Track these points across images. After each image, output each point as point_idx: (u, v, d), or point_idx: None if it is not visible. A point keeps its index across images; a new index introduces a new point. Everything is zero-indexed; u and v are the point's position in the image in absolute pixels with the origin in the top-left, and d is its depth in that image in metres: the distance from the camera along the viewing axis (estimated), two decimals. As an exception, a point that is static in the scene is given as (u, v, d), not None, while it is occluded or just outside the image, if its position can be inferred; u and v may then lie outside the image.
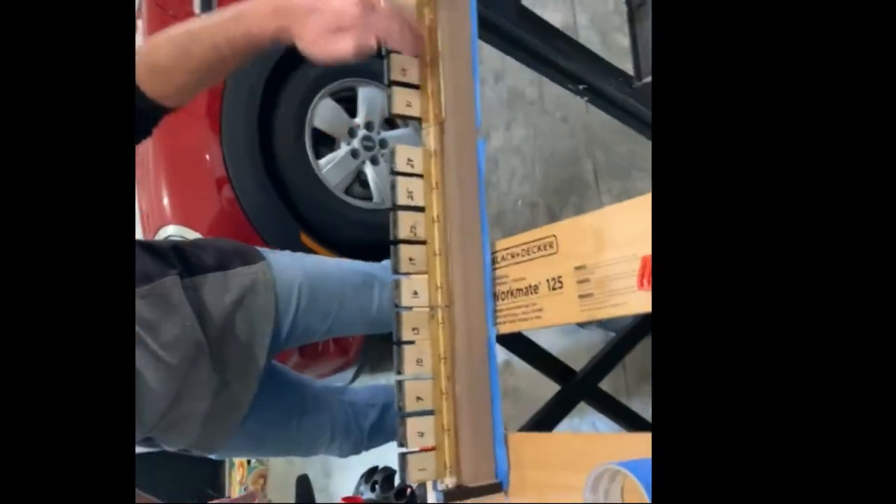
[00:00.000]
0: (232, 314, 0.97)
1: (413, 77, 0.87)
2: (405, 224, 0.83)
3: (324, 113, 2.02)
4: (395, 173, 0.84)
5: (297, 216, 1.94)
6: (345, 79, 2.07)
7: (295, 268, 1.08)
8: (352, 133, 2.07)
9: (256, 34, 0.76)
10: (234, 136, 1.89)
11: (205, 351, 0.93)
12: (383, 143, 2.10)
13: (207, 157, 1.88)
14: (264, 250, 1.08)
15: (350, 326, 1.20)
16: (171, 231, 1.83)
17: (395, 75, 0.86)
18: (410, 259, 0.82)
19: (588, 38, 1.72)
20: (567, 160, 1.76)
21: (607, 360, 1.04)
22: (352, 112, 2.10)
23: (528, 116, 1.90)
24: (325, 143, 2.06)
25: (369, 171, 2.08)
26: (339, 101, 2.09)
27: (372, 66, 2.16)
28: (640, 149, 1.55)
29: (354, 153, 2.06)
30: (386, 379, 2.15)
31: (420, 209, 0.84)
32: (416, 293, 0.81)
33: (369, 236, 2.06)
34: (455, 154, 0.84)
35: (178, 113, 1.91)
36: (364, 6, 0.73)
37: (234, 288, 0.97)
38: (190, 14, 1.88)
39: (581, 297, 0.71)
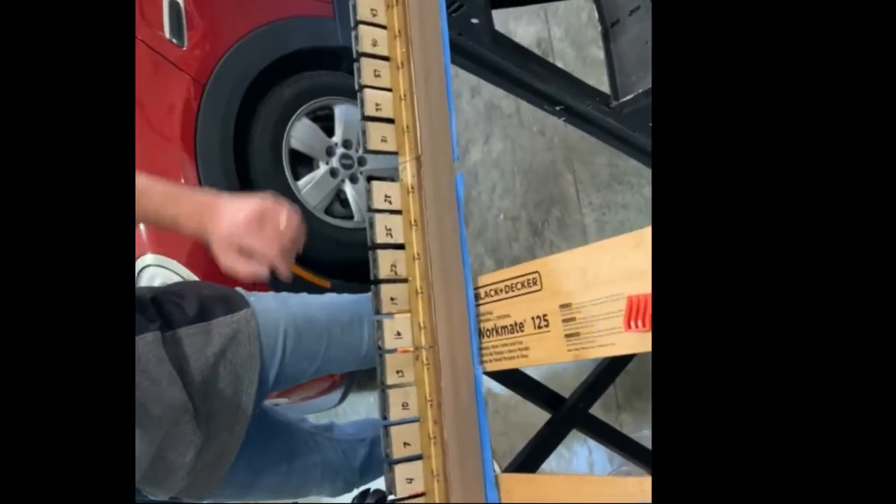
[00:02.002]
0: (215, 366, 0.94)
1: (387, 111, 0.86)
2: (385, 263, 0.81)
3: (301, 133, 1.99)
4: (372, 211, 0.82)
5: (277, 239, 1.91)
6: (320, 98, 2.05)
7: (280, 311, 1.05)
8: (329, 152, 2.05)
9: (181, 224, 0.89)
10: (210, 160, 1.86)
11: (188, 408, 0.91)
12: (362, 161, 2.08)
13: (182, 180, 1.85)
14: (249, 294, 1.06)
15: (339, 364, 1.16)
16: (150, 260, 1.79)
17: (370, 111, 0.85)
18: (392, 299, 0.80)
19: (563, 51, 1.71)
20: (546, 173, 1.75)
21: (597, 383, 1.02)
22: (329, 131, 2.08)
23: (506, 130, 1.89)
24: (302, 163, 2.04)
25: (349, 189, 2.06)
26: (315, 119, 2.07)
27: (348, 83, 2.15)
28: (620, 161, 1.55)
29: (333, 172, 2.03)
30: (374, 397, 2.13)
31: (400, 246, 0.82)
32: (399, 334, 0.79)
33: (352, 255, 2.04)
34: (433, 189, 0.82)
35: (152, 136, 1.88)
36: (261, 240, 0.88)
37: (217, 339, 0.95)
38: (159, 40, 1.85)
39: (567, 336, 0.70)
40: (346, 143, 2.07)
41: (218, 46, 1.91)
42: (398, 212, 0.83)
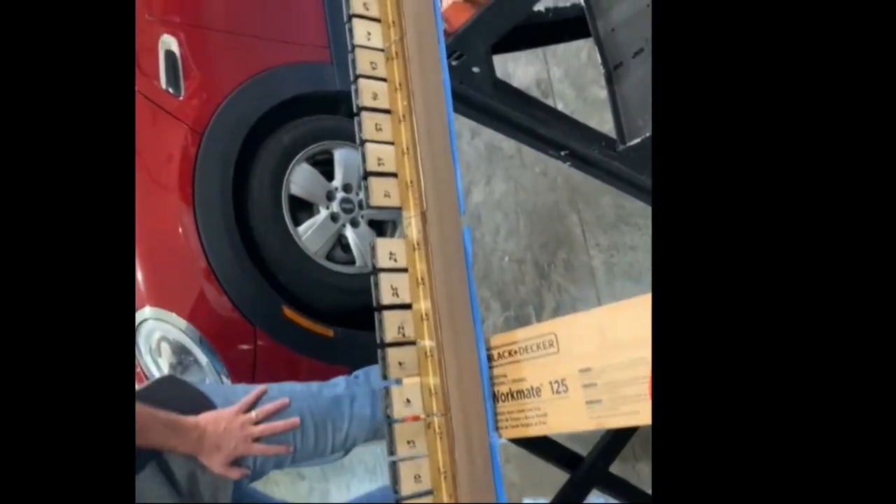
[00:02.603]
0: (193, 473, 1.02)
1: (390, 166, 0.83)
2: (391, 324, 0.78)
3: (300, 179, 1.97)
4: (377, 270, 0.79)
5: (278, 288, 1.87)
6: (320, 142, 2.03)
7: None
8: (330, 196, 2.02)
9: (180, 450, 1.01)
10: (208, 209, 1.83)
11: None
12: (362, 205, 2.05)
13: (180, 230, 1.82)
14: (216, 391, 1.12)
15: (322, 453, 1.18)
16: (149, 314, 1.75)
17: (372, 165, 0.82)
18: (400, 363, 0.76)
19: (563, 91, 1.70)
20: (551, 214, 1.72)
21: (615, 441, 0.98)
22: (329, 175, 2.05)
23: (508, 171, 1.86)
24: (302, 208, 2.01)
25: (350, 233, 2.03)
26: (314, 164, 2.05)
27: (347, 126, 2.13)
28: (626, 202, 1.52)
29: (334, 217, 2.01)
30: (381, 448, 2.07)
31: (406, 306, 0.79)
32: (408, 401, 0.75)
33: (355, 301, 2.00)
34: (440, 245, 0.79)
35: (149, 184, 1.85)
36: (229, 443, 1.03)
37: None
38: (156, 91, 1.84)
39: (589, 403, 0.66)
40: (347, 187, 2.05)
41: (215, 95, 1.89)
42: (404, 270, 0.80)
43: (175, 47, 1.88)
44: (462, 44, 0.90)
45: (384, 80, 0.84)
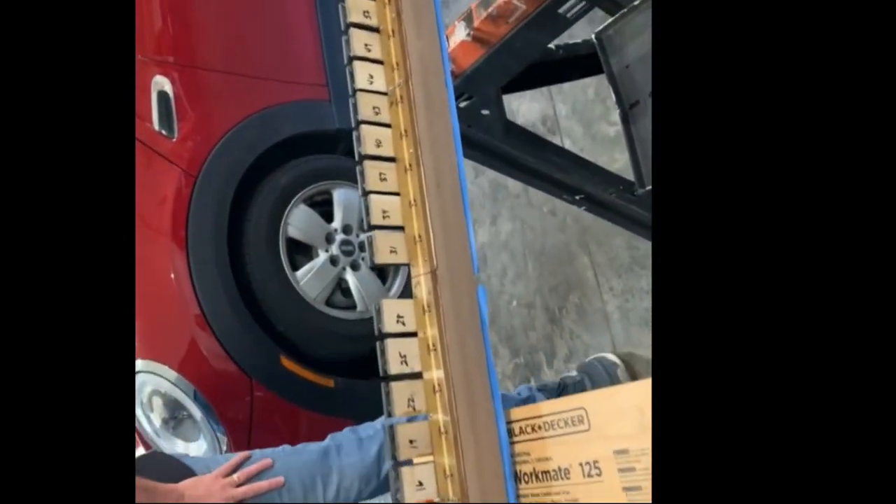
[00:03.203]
0: None
1: (396, 219, 0.76)
2: (401, 397, 0.70)
3: (299, 221, 1.90)
4: (384, 335, 0.71)
5: (276, 337, 1.79)
6: (318, 182, 1.97)
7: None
8: (329, 239, 1.95)
9: None
10: (202, 253, 1.76)
11: None
12: (363, 246, 1.98)
13: (172, 276, 1.74)
14: (198, 461, 1.08)
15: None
16: (140, 366, 1.67)
17: (376, 218, 0.75)
18: (411, 441, 0.68)
19: (570, 128, 1.64)
20: (560, 256, 1.65)
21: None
22: (328, 216, 1.99)
23: (514, 210, 1.80)
24: (300, 251, 1.94)
25: (350, 277, 1.96)
26: (313, 205, 1.98)
27: (346, 165, 2.07)
28: (640, 243, 1.45)
29: (333, 260, 1.93)
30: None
31: (417, 376, 0.71)
32: (420, 484, 0.67)
33: (356, 349, 1.92)
34: (453, 307, 0.71)
35: (141, 229, 1.77)
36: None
37: None
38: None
39: (627, 489, 0.58)
40: (347, 229, 1.98)
41: (210, 136, 1.84)
42: (413, 334, 0.72)
43: (168, 88, 1.82)
44: (471, 85, 0.83)
45: (388, 125, 0.78)
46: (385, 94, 0.79)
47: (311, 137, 2.05)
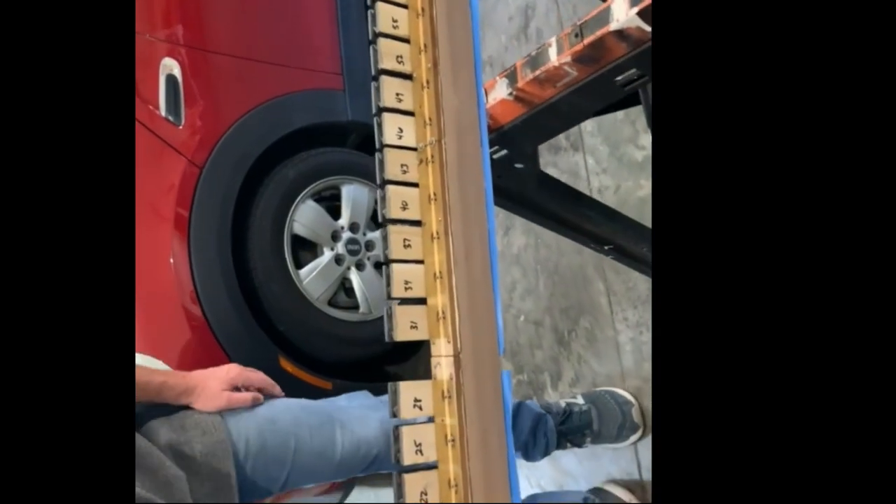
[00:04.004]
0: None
1: (419, 290, 0.70)
2: (413, 489, 0.65)
3: (305, 217, 1.84)
4: (399, 424, 0.66)
5: (275, 337, 1.75)
6: (327, 177, 1.90)
7: (242, 415, 1.05)
8: (335, 237, 1.89)
9: (169, 385, 1.04)
10: (204, 246, 1.70)
11: None
12: (370, 245, 1.93)
13: (173, 272, 1.68)
14: None
15: (312, 474, 1.10)
16: (139, 361, 1.62)
17: (397, 291, 0.69)
18: (422, 541, 0.63)
19: (594, 147, 1.57)
20: (575, 278, 1.60)
21: None
22: (335, 212, 1.92)
23: (529, 224, 1.73)
24: (304, 248, 1.88)
25: (354, 277, 1.90)
26: (320, 200, 1.92)
27: (356, 161, 2.00)
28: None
29: (338, 259, 1.88)
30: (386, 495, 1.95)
31: (432, 467, 0.66)
32: (430, 589, 0.63)
33: (357, 353, 1.88)
34: (476, 396, 0.66)
35: (140, 222, 1.71)
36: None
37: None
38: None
39: None
40: (353, 227, 1.92)
41: (218, 125, 1.76)
42: (429, 420, 0.67)
43: (177, 72, 1.75)
44: (506, 141, 0.77)
45: (415, 185, 0.72)
46: (414, 149, 0.72)
47: (321, 129, 1.97)
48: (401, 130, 0.72)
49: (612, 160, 1.53)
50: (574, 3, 1.76)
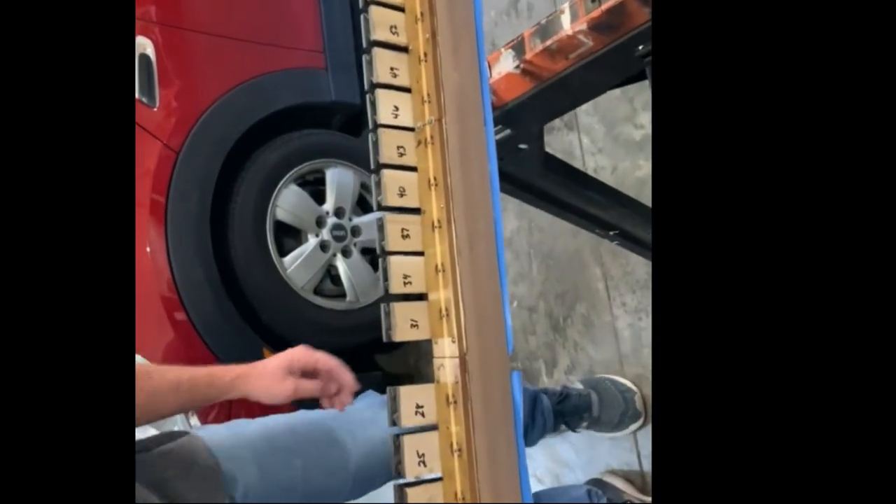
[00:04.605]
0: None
1: (419, 285, 0.64)
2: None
3: (288, 202, 1.77)
4: (400, 433, 0.60)
5: (258, 328, 1.68)
6: (311, 161, 1.83)
7: (234, 440, 0.93)
8: (320, 222, 1.82)
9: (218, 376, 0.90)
10: (182, 235, 1.62)
11: None
12: (356, 231, 1.86)
13: (149, 262, 1.60)
14: (201, 428, 0.98)
15: (327, 493, 0.98)
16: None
17: (396, 286, 0.63)
18: (427, 563, 0.58)
19: (590, 126, 1.51)
20: (570, 263, 1.54)
21: None
22: (319, 196, 1.85)
23: (522, 206, 1.67)
24: (288, 235, 1.81)
25: (340, 264, 1.84)
26: (303, 184, 1.85)
27: (341, 143, 1.93)
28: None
29: (324, 246, 1.81)
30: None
31: (436, 480, 0.60)
32: None
33: (343, 342, 1.81)
34: (483, 401, 0.60)
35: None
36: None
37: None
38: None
39: None
40: (339, 212, 1.85)
41: (195, 106, 1.68)
42: (433, 427, 0.61)
43: (150, 51, 1.66)
44: (511, 120, 0.71)
45: (414, 169, 0.65)
46: (411, 129, 0.66)
47: (304, 110, 1.90)
48: (396, 109, 0.65)
49: (608, 140, 1.47)
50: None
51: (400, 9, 0.67)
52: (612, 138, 1.47)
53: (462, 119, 0.64)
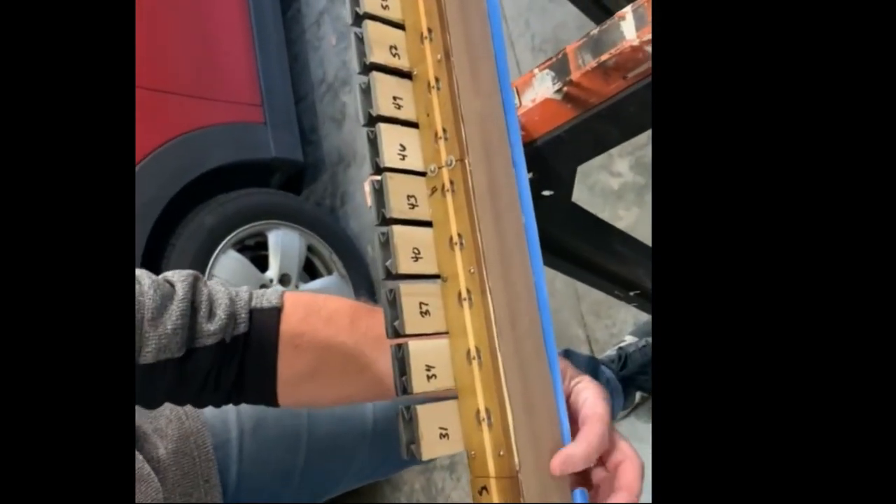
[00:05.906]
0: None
1: (446, 379, 0.48)
2: None
3: (227, 271, 1.58)
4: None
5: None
6: (251, 223, 1.65)
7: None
8: (263, 291, 1.63)
9: None
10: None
11: None
12: (303, 299, 1.68)
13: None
14: None
15: (338, 451, 0.83)
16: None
17: (419, 384, 0.47)
18: None
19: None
20: (549, 325, 1.40)
21: None
22: (262, 264, 1.67)
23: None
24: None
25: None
26: (242, 250, 1.67)
27: (283, 203, 1.76)
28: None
29: (268, 317, 1.61)
30: None
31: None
32: None
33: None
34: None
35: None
36: None
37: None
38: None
39: None
40: (284, 279, 1.67)
41: (117, 166, 1.49)
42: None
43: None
44: (537, 160, 0.57)
45: (429, 224, 0.50)
46: (423, 174, 0.51)
47: (242, 167, 1.73)
48: (403, 148, 0.50)
49: (582, 189, 1.36)
50: None
51: (400, 26, 0.53)
52: (588, 188, 1.36)
53: (489, 159, 0.50)
